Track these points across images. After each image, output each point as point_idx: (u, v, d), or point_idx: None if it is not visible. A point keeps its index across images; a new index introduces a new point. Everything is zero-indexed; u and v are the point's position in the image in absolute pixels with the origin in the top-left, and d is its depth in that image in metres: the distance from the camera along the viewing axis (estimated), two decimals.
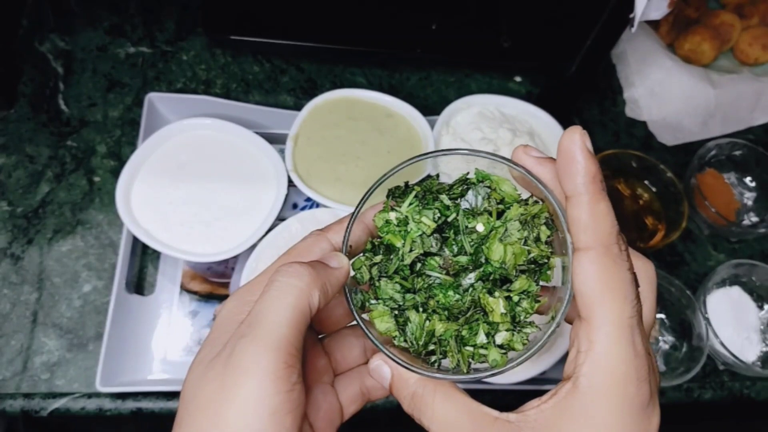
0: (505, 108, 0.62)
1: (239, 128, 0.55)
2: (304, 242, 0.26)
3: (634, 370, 0.21)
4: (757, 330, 0.60)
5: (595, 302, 0.21)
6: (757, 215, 0.67)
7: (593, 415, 0.21)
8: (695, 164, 0.65)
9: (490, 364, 0.23)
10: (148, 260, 0.55)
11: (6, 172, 0.57)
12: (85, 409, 0.49)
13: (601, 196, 0.21)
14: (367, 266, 0.25)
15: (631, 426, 0.21)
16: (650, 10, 0.48)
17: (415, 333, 0.24)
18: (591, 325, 0.21)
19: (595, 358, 0.21)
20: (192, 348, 0.52)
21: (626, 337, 0.21)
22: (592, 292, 0.21)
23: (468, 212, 0.24)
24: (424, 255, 0.25)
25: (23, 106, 0.61)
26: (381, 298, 0.24)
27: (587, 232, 0.21)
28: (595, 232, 0.21)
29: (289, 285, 0.22)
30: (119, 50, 0.66)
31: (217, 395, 0.21)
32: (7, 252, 0.54)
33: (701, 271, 0.64)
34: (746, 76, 0.72)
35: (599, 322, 0.21)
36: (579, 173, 0.21)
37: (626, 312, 0.21)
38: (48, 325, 0.52)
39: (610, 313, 0.21)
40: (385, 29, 0.65)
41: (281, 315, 0.22)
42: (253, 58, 0.68)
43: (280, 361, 0.21)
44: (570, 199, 0.21)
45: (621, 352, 0.21)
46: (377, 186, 0.25)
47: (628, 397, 0.21)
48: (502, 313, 0.23)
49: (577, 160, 0.21)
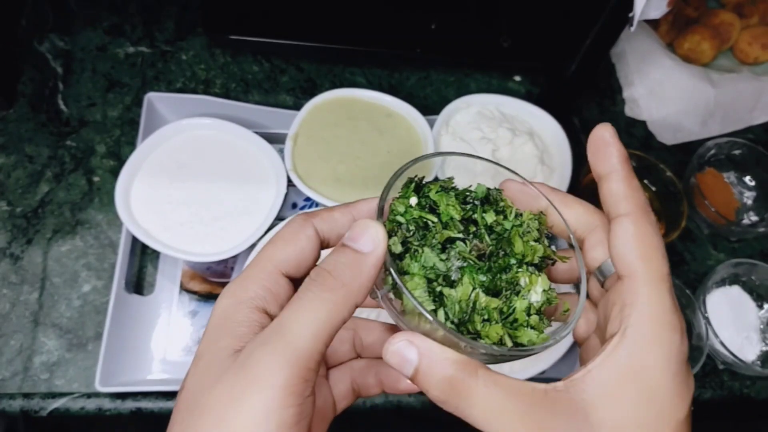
0: (505, 107, 0.62)
1: (239, 128, 0.55)
2: (289, 228, 0.25)
3: (678, 321, 0.22)
4: (757, 329, 0.60)
5: (638, 260, 0.22)
6: (757, 214, 0.67)
7: (644, 362, 0.21)
8: (695, 163, 0.65)
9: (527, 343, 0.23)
10: (147, 260, 0.55)
11: (5, 172, 0.57)
12: (84, 409, 0.49)
13: (633, 174, 0.24)
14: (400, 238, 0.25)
15: (679, 375, 0.22)
16: (649, 9, 0.48)
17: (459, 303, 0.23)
18: (634, 280, 0.22)
19: (642, 309, 0.22)
20: (192, 348, 0.52)
21: (668, 291, 0.22)
22: (634, 251, 0.23)
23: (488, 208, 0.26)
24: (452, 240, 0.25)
25: (23, 105, 0.61)
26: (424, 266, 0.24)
27: (627, 200, 0.23)
28: (634, 198, 0.23)
29: (323, 299, 0.21)
30: (119, 50, 0.66)
31: (226, 400, 0.20)
32: (7, 252, 0.54)
33: (701, 271, 0.64)
34: (746, 76, 0.72)
35: (642, 277, 0.22)
36: (614, 154, 0.24)
37: (665, 269, 0.22)
38: (47, 325, 0.52)
39: (652, 269, 0.22)
40: (384, 29, 0.65)
41: (309, 329, 0.21)
42: (253, 58, 0.68)
43: (298, 376, 0.20)
44: (607, 177, 0.24)
45: (665, 303, 0.22)
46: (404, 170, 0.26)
47: (675, 345, 0.22)
48: (543, 290, 0.24)
49: (611, 143, 0.24)
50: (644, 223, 0.23)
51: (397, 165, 0.26)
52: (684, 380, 0.22)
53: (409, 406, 0.53)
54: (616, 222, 0.23)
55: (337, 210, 0.25)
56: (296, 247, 0.24)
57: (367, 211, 0.26)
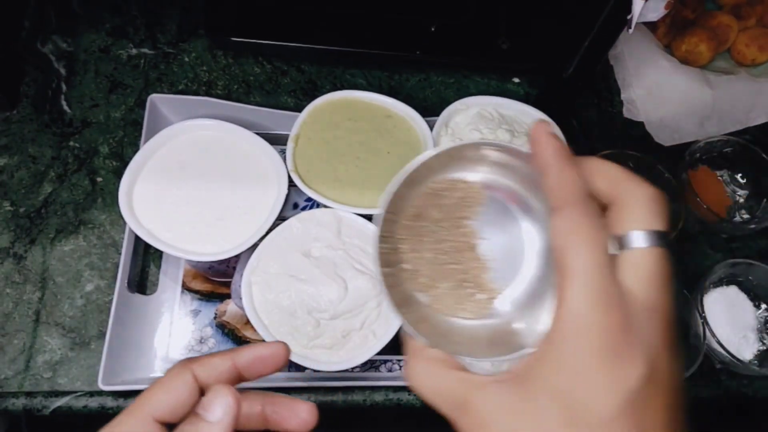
0: (504, 109, 0.62)
1: (240, 129, 0.55)
2: (167, 374, 0.26)
3: (601, 316, 0.21)
4: (754, 329, 0.60)
5: (565, 254, 0.22)
6: (749, 212, 0.68)
7: (566, 360, 0.21)
8: (687, 160, 0.65)
9: None
10: (150, 260, 0.56)
11: (9, 172, 0.58)
12: (87, 408, 0.50)
13: (567, 166, 0.23)
14: None
15: (604, 371, 0.20)
16: (647, 11, 0.48)
17: None
18: (562, 276, 0.22)
19: (565, 306, 0.21)
20: (193, 346, 0.52)
21: (594, 284, 0.21)
22: (561, 244, 0.22)
23: None
24: None
25: (26, 107, 0.61)
26: None
27: (557, 193, 0.23)
28: (563, 191, 0.23)
29: None
30: (121, 52, 0.66)
31: None
32: (10, 252, 0.54)
33: (698, 271, 0.65)
34: (743, 77, 0.72)
35: (568, 272, 0.22)
36: (546, 149, 0.24)
37: (594, 259, 0.22)
38: (50, 324, 0.52)
39: (577, 262, 0.22)
40: (384, 31, 0.66)
41: None
42: (254, 60, 0.68)
43: None
44: (542, 172, 0.24)
45: (588, 298, 0.21)
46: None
47: (596, 342, 0.21)
48: None
49: (543, 140, 0.24)
50: (574, 214, 0.22)
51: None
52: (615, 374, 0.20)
53: (409, 404, 0.53)
54: (551, 217, 0.23)
55: (218, 356, 0.27)
56: (171, 394, 0.25)
57: (249, 358, 0.27)
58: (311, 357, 0.47)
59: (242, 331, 0.53)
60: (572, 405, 0.21)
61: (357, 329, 0.48)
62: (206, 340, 0.53)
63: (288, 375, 0.52)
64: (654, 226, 0.23)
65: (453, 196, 0.28)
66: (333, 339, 0.47)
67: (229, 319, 0.54)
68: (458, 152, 0.28)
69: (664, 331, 0.22)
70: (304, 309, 0.48)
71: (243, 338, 0.53)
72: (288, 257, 0.50)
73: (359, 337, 0.48)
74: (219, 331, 0.53)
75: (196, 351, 0.52)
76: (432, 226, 0.28)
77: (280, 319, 0.48)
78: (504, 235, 0.28)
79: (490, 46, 0.66)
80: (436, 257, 0.28)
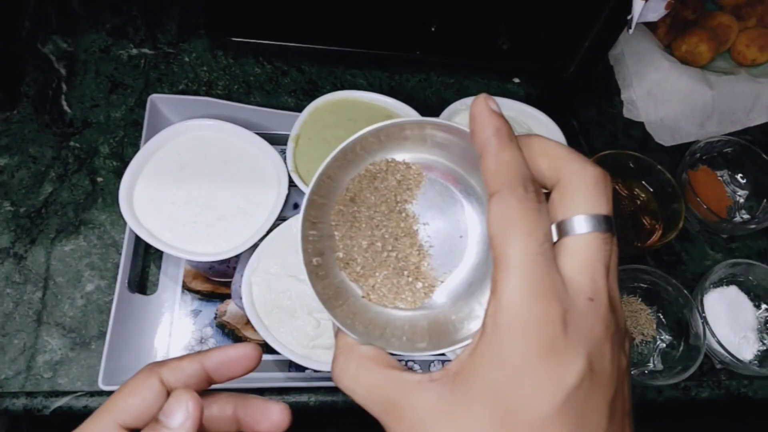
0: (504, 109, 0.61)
1: (241, 129, 0.55)
2: (134, 378, 0.26)
3: (536, 309, 0.20)
4: (754, 329, 0.60)
5: (499, 242, 0.21)
6: (749, 212, 0.68)
7: (500, 356, 0.20)
8: (687, 160, 0.65)
9: None
10: (150, 260, 0.56)
11: (9, 172, 0.58)
12: (87, 408, 0.50)
13: (506, 146, 0.22)
14: None
15: (540, 368, 0.19)
16: (648, 11, 0.48)
17: None
18: (496, 266, 0.21)
19: (498, 298, 0.20)
20: (194, 347, 0.52)
21: (530, 275, 0.20)
22: (496, 232, 0.21)
23: None
24: None
25: (26, 107, 0.61)
26: None
27: (494, 177, 0.21)
28: (500, 175, 0.21)
29: None
30: (122, 52, 0.66)
31: None
32: (11, 252, 0.54)
33: (698, 271, 0.65)
34: (743, 77, 0.72)
35: (502, 262, 0.20)
36: (485, 128, 0.22)
37: (530, 248, 0.20)
38: (51, 324, 0.52)
39: (512, 251, 0.20)
40: (385, 31, 0.66)
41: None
42: (255, 60, 0.68)
43: None
44: (481, 152, 0.22)
45: (523, 290, 0.20)
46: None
47: (531, 337, 0.19)
48: None
49: (483, 117, 0.22)
50: (510, 199, 0.21)
51: None
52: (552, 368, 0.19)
53: None
54: (488, 202, 0.21)
55: (186, 359, 0.26)
56: (137, 399, 0.25)
57: (217, 360, 0.27)
58: (312, 357, 0.47)
59: (242, 331, 0.53)
60: (507, 404, 0.19)
61: None
62: (206, 340, 0.53)
63: (288, 375, 0.52)
64: (597, 210, 0.21)
65: (391, 179, 0.27)
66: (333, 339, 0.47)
67: (230, 320, 0.54)
68: (399, 131, 0.26)
69: (606, 322, 0.21)
70: (304, 309, 0.48)
71: (243, 338, 0.53)
72: (288, 257, 0.50)
73: None
74: (219, 331, 0.53)
75: (196, 351, 0.52)
76: (367, 211, 0.26)
77: (280, 319, 0.48)
78: (445, 219, 0.26)
79: (491, 46, 0.66)
80: (372, 244, 0.26)
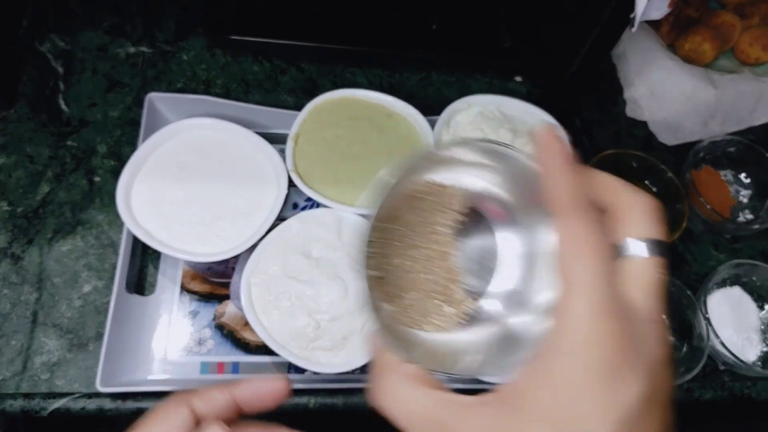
0: (506, 108, 0.62)
1: (239, 128, 0.55)
2: (163, 407, 0.25)
3: (603, 328, 0.20)
4: (758, 330, 0.60)
5: (569, 262, 0.21)
6: (752, 212, 0.67)
7: (561, 375, 0.20)
8: (690, 160, 0.65)
9: None
10: (148, 260, 0.55)
11: (6, 172, 0.57)
12: (85, 409, 0.49)
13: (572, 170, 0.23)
14: None
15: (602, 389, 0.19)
16: (651, 10, 0.48)
17: None
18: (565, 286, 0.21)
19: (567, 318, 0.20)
20: (192, 348, 0.52)
21: (597, 294, 0.20)
22: (564, 251, 0.21)
23: None
24: None
25: (23, 106, 0.61)
26: None
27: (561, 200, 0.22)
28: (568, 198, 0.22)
29: None
30: (119, 50, 0.66)
31: None
32: (8, 252, 0.54)
33: (702, 271, 0.64)
34: (747, 76, 0.72)
35: (569, 280, 0.21)
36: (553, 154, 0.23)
37: (598, 268, 0.21)
38: (48, 325, 0.52)
39: (582, 272, 0.21)
40: (385, 29, 0.65)
41: None
42: (253, 58, 0.68)
43: None
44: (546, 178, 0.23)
45: (593, 311, 0.20)
46: None
47: (596, 356, 0.20)
48: None
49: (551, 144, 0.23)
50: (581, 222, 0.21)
51: None
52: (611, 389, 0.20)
53: None
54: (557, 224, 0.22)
55: (217, 389, 0.26)
56: (166, 426, 0.25)
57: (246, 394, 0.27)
58: (311, 359, 0.47)
59: (241, 332, 0.53)
60: (566, 425, 0.20)
61: (358, 331, 0.47)
62: (205, 342, 0.52)
63: (288, 377, 0.51)
64: (655, 235, 0.22)
65: (430, 200, 0.27)
66: (333, 341, 0.47)
67: (229, 321, 0.53)
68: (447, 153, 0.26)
69: (665, 344, 0.21)
70: (304, 310, 0.48)
71: (242, 340, 0.53)
72: (288, 258, 0.50)
73: (360, 338, 0.47)
74: (218, 332, 0.53)
75: (195, 352, 0.52)
76: (404, 230, 0.26)
77: (279, 320, 0.48)
78: (479, 244, 0.27)
79: (492, 44, 0.66)
80: (403, 263, 0.26)
